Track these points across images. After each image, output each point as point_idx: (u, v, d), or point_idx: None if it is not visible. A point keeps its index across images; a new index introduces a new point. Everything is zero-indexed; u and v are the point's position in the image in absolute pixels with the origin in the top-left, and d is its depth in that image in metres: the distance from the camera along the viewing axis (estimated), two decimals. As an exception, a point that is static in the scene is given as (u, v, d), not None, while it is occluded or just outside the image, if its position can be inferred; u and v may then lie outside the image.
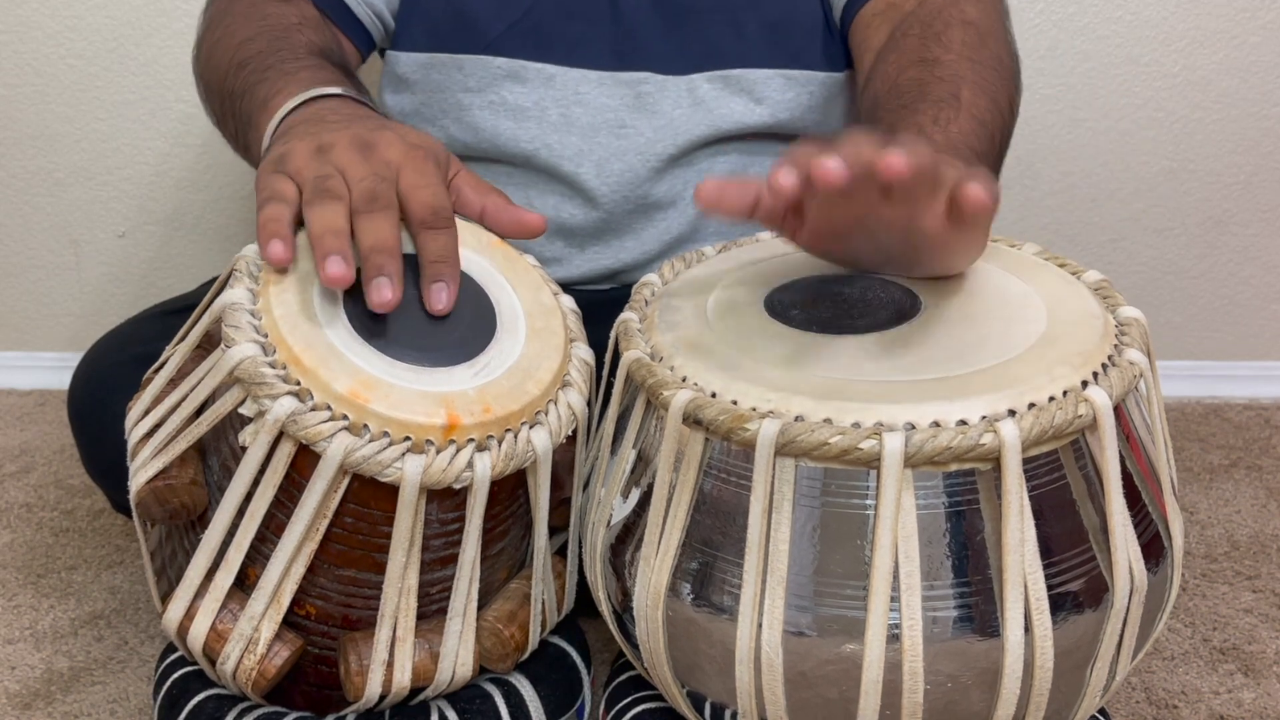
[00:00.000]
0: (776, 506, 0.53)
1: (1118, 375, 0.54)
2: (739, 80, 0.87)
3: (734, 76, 0.87)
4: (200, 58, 0.84)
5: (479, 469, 0.57)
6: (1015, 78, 0.79)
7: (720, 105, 0.87)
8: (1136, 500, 0.56)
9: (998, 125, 0.73)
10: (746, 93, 0.87)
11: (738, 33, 0.87)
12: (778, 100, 0.88)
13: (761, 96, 0.87)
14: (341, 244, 0.58)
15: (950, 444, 0.50)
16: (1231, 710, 0.79)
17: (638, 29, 0.87)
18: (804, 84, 0.88)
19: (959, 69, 0.75)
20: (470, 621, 0.63)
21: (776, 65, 0.87)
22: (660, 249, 0.89)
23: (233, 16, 0.83)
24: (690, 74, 0.87)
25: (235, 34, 0.80)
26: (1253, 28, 1.22)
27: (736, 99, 0.87)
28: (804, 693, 0.54)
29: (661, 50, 0.87)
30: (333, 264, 0.57)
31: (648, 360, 0.59)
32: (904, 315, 0.59)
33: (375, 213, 0.60)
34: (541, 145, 0.86)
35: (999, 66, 0.77)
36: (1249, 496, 1.08)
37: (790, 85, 0.88)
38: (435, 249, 0.61)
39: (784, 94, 0.88)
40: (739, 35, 0.87)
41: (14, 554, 1.00)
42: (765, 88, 0.87)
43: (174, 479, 0.61)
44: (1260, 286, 1.32)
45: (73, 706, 0.81)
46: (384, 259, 0.58)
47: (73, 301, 1.38)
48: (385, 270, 0.58)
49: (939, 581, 0.52)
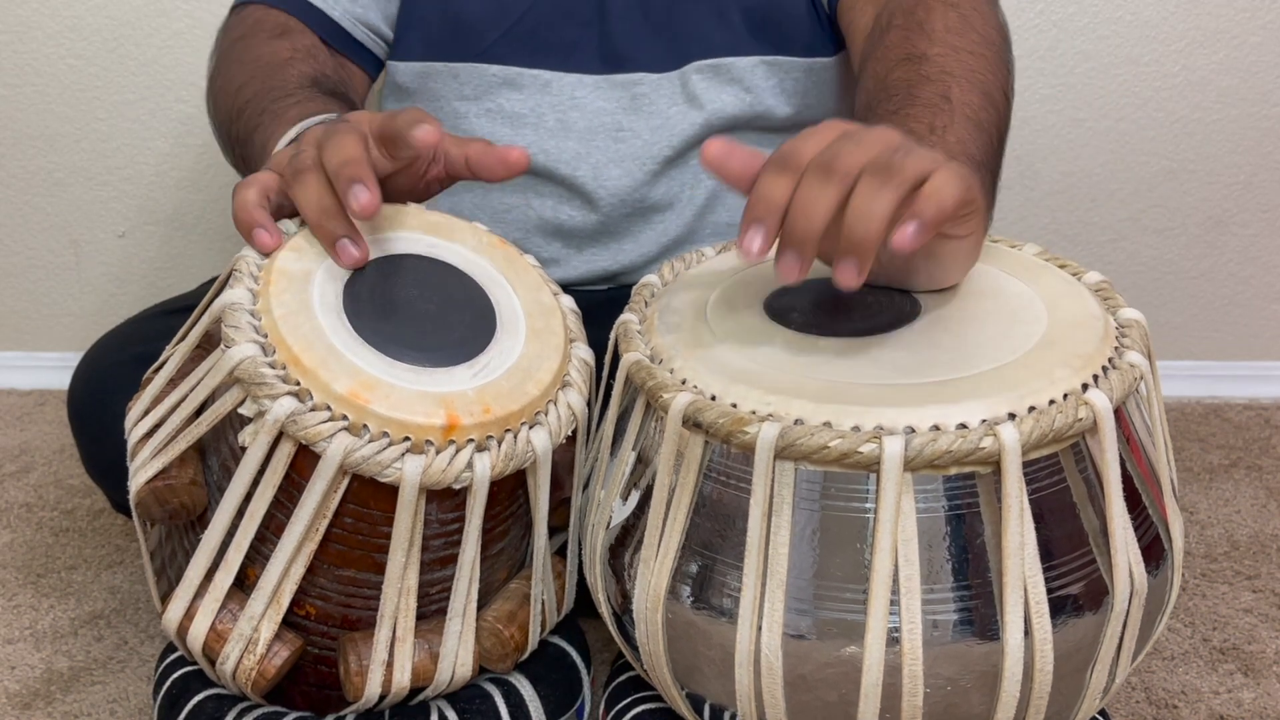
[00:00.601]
0: (776, 509, 0.53)
1: (1118, 378, 0.54)
2: (728, 69, 0.87)
3: (722, 66, 0.87)
4: (209, 106, 0.86)
5: (479, 469, 0.57)
6: (1005, 55, 0.77)
7: (712, 98, 0.87)
8: (1137, 503, 0.56)
9: (993, 121, 0.71)
10: (735, 82, 0.87)
11: (722, 21, 0.87)
12: (763, 87, 0.87)
13: (749, 85, 0.87)
14: (342, 224, 0.59)
15: (950, 447, 0.50)
16: (1231, 710, 0.79)
17: (626, 31, 0.87)
18: (788, 70, 0.88)
19: (945, 64, 0.73)
20: (470, 621, 0.63)
21: (761, 52, 0.87)
22: (658, 250, 0.89)
23: (229, 62, 0.84)
24: (681, 67, 0.87)
25: (232, 81, 0.81)
26: (1253, 28, 1.22)
27: (726, 89, 0.87)
28: (803, 695, 0.54)
29: (651, 48, 0.87)
30: (343, 248, 0.59)
31: (647, 362, 0.59)
32: (904, 318, 0.59)
33: (335, 135, 0.60)
34: (539, 151, 0.86)
35: (987, 48, 0.75)
36: (1249, 496, 1.08)
37: (774, 72, 0.88)
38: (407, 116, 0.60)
39: (768, 80, 0.88)
40: (724, 24, 0.87)
41: (14, 554, 1.00)
42: (751, 76, 0.87)
43: (174, 479, 0.61)
44: (1260, 286, 1.32)
45: (73, 706, 0.81)
46: (352, 168, 0.58)
47: (73, 301, 1.38)
48: (356, 177, 0.58)
49: (939, 585, 0.52)
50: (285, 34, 0.85)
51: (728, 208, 0.90)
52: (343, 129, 0.61)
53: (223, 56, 0.86)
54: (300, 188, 0.61)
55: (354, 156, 0.59)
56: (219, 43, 0.88)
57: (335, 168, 0.59)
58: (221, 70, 0.84)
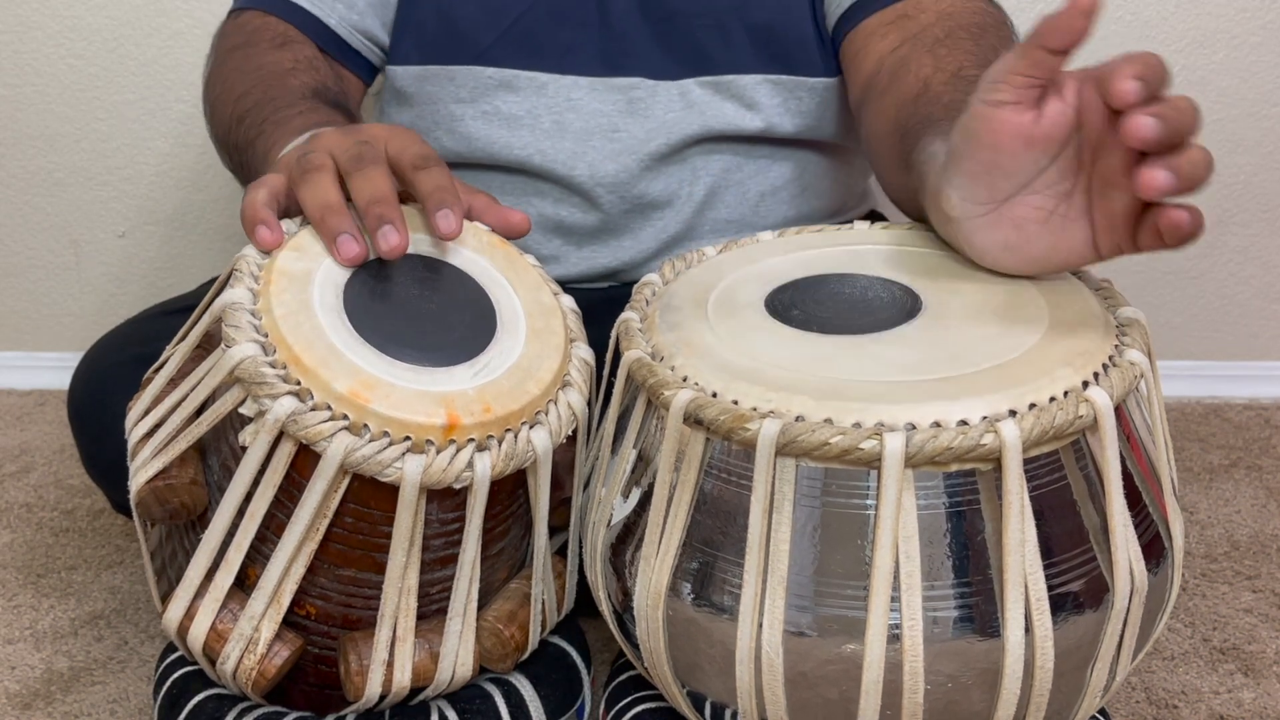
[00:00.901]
0: (777, 506, 0.53)
1: (1118, 376, 0.54)
2: (729, 86, 0.87)
3: (724, 83, 0.87)
4: (206, 113, 0.86)
5: (479, 469, 0.57)
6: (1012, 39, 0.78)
7: (712, 109, 0.87)
8: (1137, 500, 0.56)
9: None
10: (737, 98, 0.87)
11: (724, 39, 0.86)
12: (768, 105, 0.87)
13: (752, 102, 0.87)
14: (344, 221, 0.60)
15: (951, 444, 0.50)
16: (1231, 710, 0.79)
17: (627, 35, 0.87)
18: (793, 89, 0.88)
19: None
20: (470, 621, 0.63)
21: (765, 71, 0.87)
22: (658, 248, 0.89)
23: (229, 70, 0.84)
24: (681, 79, 0.87)
25: (233, 89, 0.82)
26: (1253, 28, 1.22)
27: (728, 104, 0.87)
28: (804, 693, 0.54)
29: (652, 55, 0.87)
30: (344, 243, 0.60)
31: (648, 360, 0.59)
32: (905, 315, 0.59)
33: (365, 168, 0.61)
34: (535, 152, 0.87)
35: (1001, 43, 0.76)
36: (1249, 496, 1.08)
37: (778, 91, 0.87)
38: (432, 182, 0.62)
39: (773, 99, 0.87)
40: (726, 41, 0.86)
41: (14, 554, 1.00)
42: (755, 93, 0.87)
43: (174, 479, 0.61)
44: (1260, 286, 1.32)
45: (73, 706, 0.81)
46: (383, 208, 0.59)
47: (73, 301, 1.38)
48: (386, 218, 0.59)
49: (939, 582, 0.52)
50: (286, 44, 0.86)
51: (727, 204, 0.90)
52: (370, 158, 0.62)
53: (221, 63, 0.86)
54: (306, 184, 0.61)
55: (384, 195, 0.60)
56: (216, 47, 0.88)
57: (364, 204, 0.60)
58: (220, 77, 0.84)
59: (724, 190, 0.89)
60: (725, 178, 0.89)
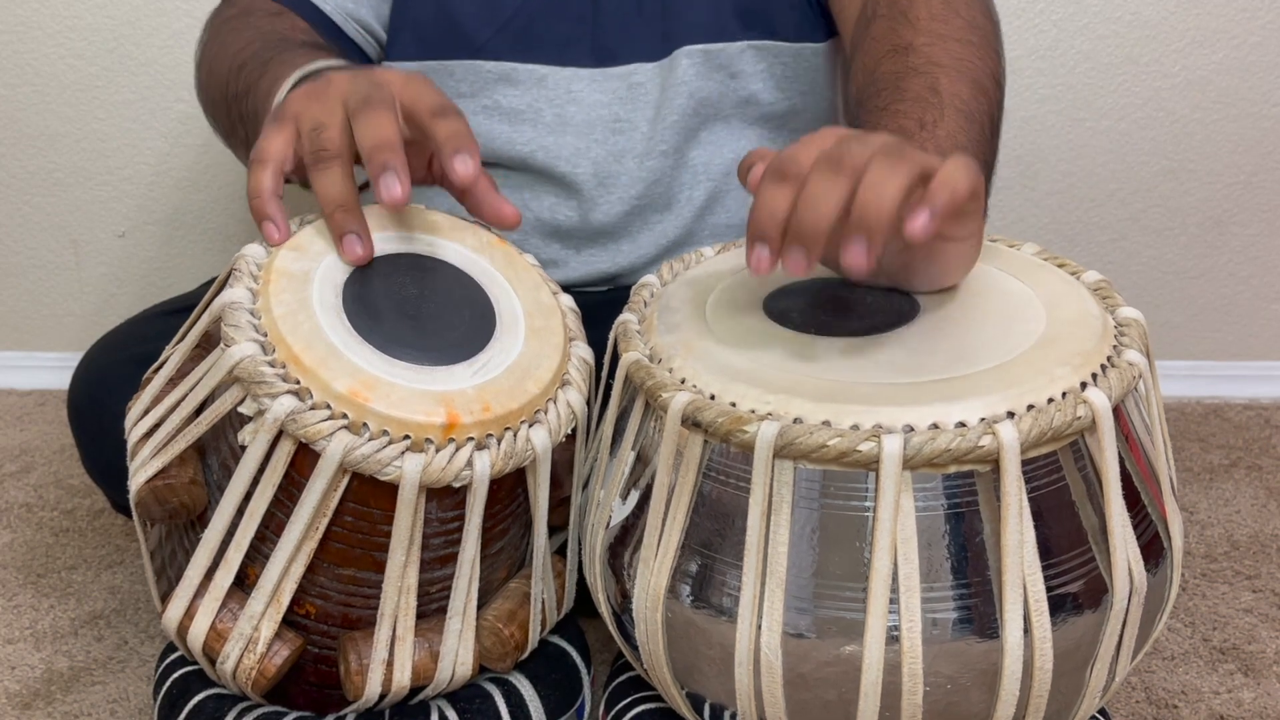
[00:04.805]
0: (775, 508, 0.53)
1: (1117, 376, 0.54)
2: (717, 55, 0.87)
3: (713, 52, 0.87)
4: (201, 80, 0.85)
5: (478, 468, 0.57)
6: (994, 41, 0.75)
7: (705, 86, 0.87)
8: (1136, 501, 0.56)
9: (984, 110, 0.69)
10: (723, 68, 0.87)
11: (712, 6, 0.87)
12: (750, 73, 0.87)
13: (735, 70, 0.87)
14: (354, 220, 0.59)
15: (949, 446, 0.50)
16: (1231, 710, 0.79)
17: (619, 22, 0.87)
18: (776, 54, 0.88)
19: (932, 54, 0.71)
20: (470, 620, 0.63)
21: (749, 37, 0.87)
22: (657, 252, 0.89)
23: (227, 31, 0.83)
24: (672, 53, 0.86)
25: (231, 44, 0.81)
26: (1253, 28, 1.22)
27: (713, 76, 0.87)
28: (803, 694, 0.54)
29: (642, 38, 0.87)
30: (350, 243, 0.59)
31: (647, 362, 0.59)
32: (902, 317, 0.59)
33: (371, 109, 0.59)
34: (538, 147, 0.86)
35: (974, 34, 0.73)
36: (1249, 496, 1.08)
37: (762, 57, 0.87)
38: (450, 127, 0.59)
39: (756, 66, 0.87)
40: (714, 8, 0.87)
41: (14, 554, 1.00)
42: (739, 61, 0.87)
43: (173, 478, 0.61)
44: (1260, 286, 1.32)
45: (73, 706, 0.81)
46: (386, 155, 0.58)
47: (73, 301, 1.38)
48: (389, 165, 0.57)
49: (938, 583, 0.52)
50: (283, 14, 0.85)
51: (726, 209, 0.90)
52: (377, 101, 0.59)
53: (217, 31, 0.85)
54: (322, 176, 0.60)
55: (388, 140, 0.58)
56: (210, 23, 0.87)
57: (369, 149, 0.58)
58: (217, 39, 0.83)
59: (724, 194, 0.89)
60: (726, 181, 0.89)
